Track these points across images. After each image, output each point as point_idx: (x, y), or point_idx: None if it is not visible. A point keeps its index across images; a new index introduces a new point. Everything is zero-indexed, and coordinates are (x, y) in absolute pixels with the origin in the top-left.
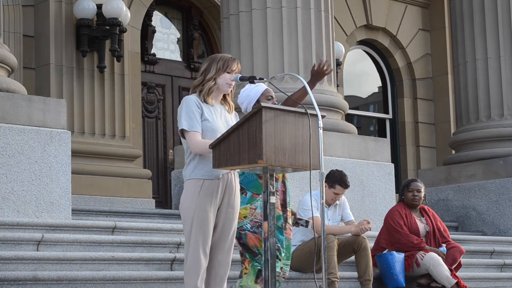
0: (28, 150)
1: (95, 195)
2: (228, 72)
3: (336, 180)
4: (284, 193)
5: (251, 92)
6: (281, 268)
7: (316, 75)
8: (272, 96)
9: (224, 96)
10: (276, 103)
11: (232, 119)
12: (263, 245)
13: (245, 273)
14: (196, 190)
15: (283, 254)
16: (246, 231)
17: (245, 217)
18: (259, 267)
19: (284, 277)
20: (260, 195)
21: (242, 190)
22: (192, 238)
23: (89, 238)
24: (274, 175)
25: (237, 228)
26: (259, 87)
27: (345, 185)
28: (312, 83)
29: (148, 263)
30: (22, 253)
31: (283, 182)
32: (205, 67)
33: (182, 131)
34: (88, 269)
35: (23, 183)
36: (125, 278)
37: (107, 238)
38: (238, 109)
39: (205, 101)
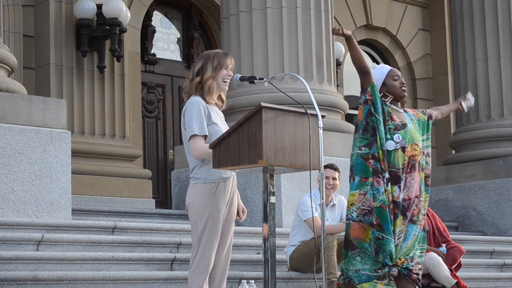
0: (28, 150)
1: (95, 195)
2: (225, 68)
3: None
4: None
5: (375, 76)
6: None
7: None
8: (398, 76)
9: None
10: (404, 82)
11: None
12: (263, 245)
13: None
14: (212, 191)
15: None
16: (351, 221)
17: (352, 204)
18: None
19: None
20: (369, 179)
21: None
22: (204, 238)
23: (89, 238)
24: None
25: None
26: (383, 69)
27: (332, 167)
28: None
29: (148, 263)
30: (22, 253)
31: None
32: (200, 66)
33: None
34: (88, 269)
35: (23, 183)
36: (125, 278)
37: (107, 238)
38: (237, 109)
39: (209, 101)
